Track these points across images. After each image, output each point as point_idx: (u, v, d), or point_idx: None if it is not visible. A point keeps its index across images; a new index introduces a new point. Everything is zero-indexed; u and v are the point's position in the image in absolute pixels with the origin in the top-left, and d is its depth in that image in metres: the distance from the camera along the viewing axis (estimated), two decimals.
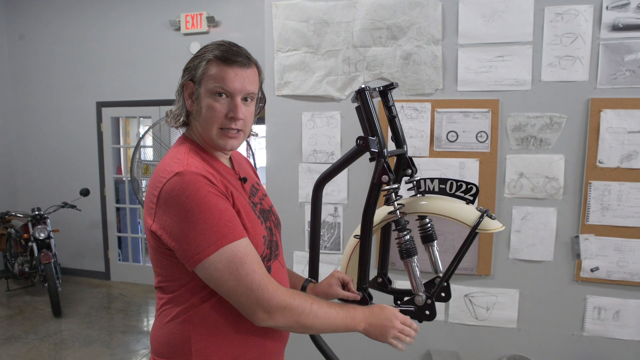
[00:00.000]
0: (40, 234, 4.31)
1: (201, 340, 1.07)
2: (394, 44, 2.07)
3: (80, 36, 4.97)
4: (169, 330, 1.10)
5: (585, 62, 1.90)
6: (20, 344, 3.57)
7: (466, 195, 1.13)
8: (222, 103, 1.06)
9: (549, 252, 2.02)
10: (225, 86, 1.05)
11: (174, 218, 0.97)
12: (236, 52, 1.07)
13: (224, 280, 0.97)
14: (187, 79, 1.10)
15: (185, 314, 1.07)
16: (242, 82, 1.06)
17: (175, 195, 0.97)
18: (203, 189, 0.97)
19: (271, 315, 0.99)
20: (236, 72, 1.05)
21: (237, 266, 0.97)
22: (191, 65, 1.11)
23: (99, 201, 5.13)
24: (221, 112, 1.06)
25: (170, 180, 0.98)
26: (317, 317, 1.03)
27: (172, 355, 1.10)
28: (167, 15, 4.57)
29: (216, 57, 1.06)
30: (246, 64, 1.07)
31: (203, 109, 1.07)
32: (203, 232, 0.96)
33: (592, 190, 1.94)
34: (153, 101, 4.77)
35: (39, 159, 5.33)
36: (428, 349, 2.20)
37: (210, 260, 0.96)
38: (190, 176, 0.98)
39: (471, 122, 2.01)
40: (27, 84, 5.27)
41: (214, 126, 1.07)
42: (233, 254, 0.97)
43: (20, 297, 4.64)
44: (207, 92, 1.06)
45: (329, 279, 1.29)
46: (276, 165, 2.32)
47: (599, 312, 2.01)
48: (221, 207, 0.98)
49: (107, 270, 5.25)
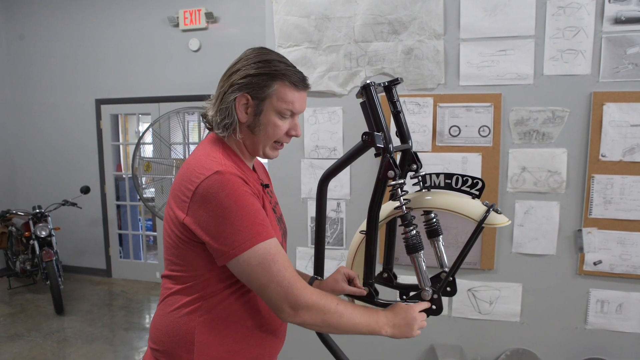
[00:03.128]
0: (42, 232, 4.31)
1: (205, 333, 1.10)
2: (395, 38, 2.07)
3: (78, 33, 4.96)
4: (173, 319, 1.12)
5: (588, 55, 1.89)
6: (23, 341, 3.58)
7: (472, 190, 1.13)
8: (286, 122, 1.14)
9: (551, 246, 2.03)
10: (295, 109, 1.13)
11: (211, 214, 1.01)
12: (303, 78, 1.14)
13: (257, 276, 1.02)
14: (243, 92, 1.09)
15: (194, 304, 1.10)
16: (304, 105, 1.16)
17: (214, 192, 1.01)
18: (240, 188, 1.02)
19: (297, 312, 1.03)
20: (303, 97, 1.15)
21: (270, 263, 1.01)
22: (249, 81, 1.09)
23: (99, 198, 5.14)
24: (284, 130, 1.14)
25: (210, 178, 1.02)
26: (342, 317, 1.06)
27: (172, 345, 1.12)
28: (166, 12, 4.56)
29: (290, 82, 1.11)
30: (308, 86, 1.16)
31: (266, 126, 1.12)
32: (239, 229, 1.00)
33: (594, 183, 1.94)
34: (152, 98, 4.76)
35: (38, 157, 5.32)
36: (431, 343, 2.21)
37: (244, 256, 1.01)
38: (228, 176, 1.02)
39: (473, 117, 2.01)
40: (26, 81, 5.26)
41: (270, 140, 1.15)
42: (266, 251, 1.02)
43: (22, 295, 4.65)
44: (275, 111, 1.11)
45: (335, 274, 1.33)
46: (278, 161, 2.30)
47: (602, 305, 2.02)
48: (256, 207, 1.04)
49: (108, 268, 5.27)
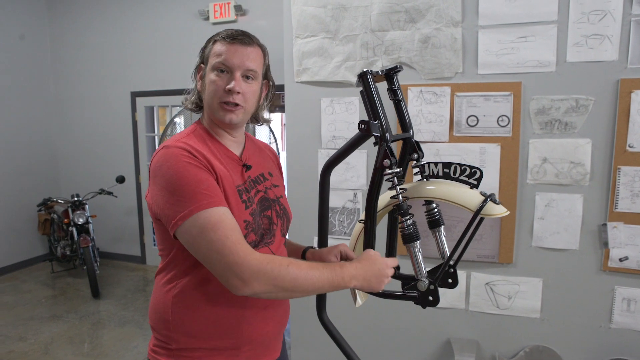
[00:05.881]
0: (79, 219, 4.52)
1: (178, 312, 1.11)
2: (412, 27, 2.03)
3: (113, 29, 5.14)
4: (157, 295, 1.17)
5: (615, 40, 1.79)
6: (62, 322, 3.78)
7: (470, 180, 1.10)
8: (223, 78, 1.12)
9: (574, 240, 1.95)
10: (225, 61, 1.11)
11: (159, 187, 1.04)
12: (238, 32, 1.14)
13: (199, 246, 0.99)
14: (198, 62, 1.20)
15: (171, 283, 1.13)
16: (241, 58, 1.11)
17: (159, 166, 1.04)
18: (182, 160, 1.02)
19: (245, 282, 0.95)
20: (236, 49, 1.12)
21: (209, 232, 0.97)
22: (201, 53, 1.19)
23: (134, 188, 5.33)
24: (221, 86, 1.11)
25: (158, 154, 1.07)
26: (296, 279, 0.98)
27: (156, 320, 1.17)
28: (197, 5, 4.65)
29: (221, 37, 1.14)
30: (247, 42, 1.13)
31: (208, 85, 1.14)
32: (179, 199, 1.00)
33: (621, 176, 1.85)
34: (183, 90, 4.85)
35: (78, 147, 5.58)
36: (448, 337, 2.18)
37: (185, 225, 0.99)
38: (173, 149, 1.05)
39: (492, 106, 1.95)
40: (67, 77, 5.52)
41: (214, 100, 1.13)
42: (206, 220, 0.98)
43: (64, 278, 4.91)
44: (211, 68, 1.13)
45: (332, 248, 1.30)
46: (296, 151, 2.33)
47: (629, 304, 1.93)
48: (199, 177, 1.02)
49: (142, 255, 5.47)
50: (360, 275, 1.05)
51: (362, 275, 1.06)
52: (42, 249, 5.53)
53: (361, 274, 1.06)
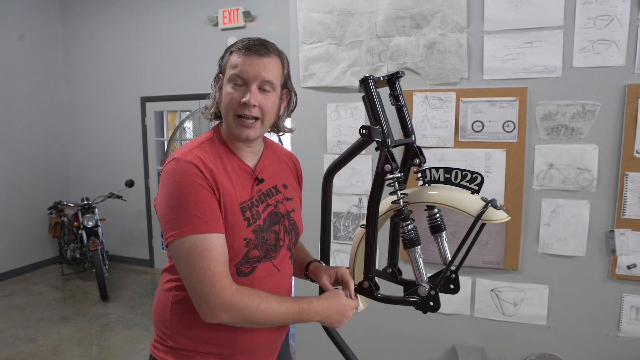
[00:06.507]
0: (89, 222, 4.58)
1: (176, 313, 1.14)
2: (417, 33, 2.03)
3: (124, 34, 5.22)
4: (159, 294, 1.20)
5: (622, 45, 1.78)
6: (71, 324, 3.82)
7: (471, 185, 1.10)
8: (238, 90, 1.09)
9: (581, 247, 1.93)
10: (241, 73, 1.08)
11: (163, 198, 1.06)
12: (255, 42, 1.10)
13: (182, 267, 1.03)
14: (217, 72, 1.18)
15: (171, 283, 1.16)
16: (257, 69, 1.08)
17: (166, 178, 1.05)
18: (188, 177, 1.02)
19: (214, 313, 1.01)
20: (252, 60, 1.08)
21: (195, 258, 1.00)
22: (219, 63, 1.17)
23: (143, 192, 5.38)
24: (236, 99, 1.08)
25: (168, 164, 1.07)
26: (264, 315, 1.05)
27: (157, 318, 1.19)
28: (205, 11, 4.71)
29: (237, 48, 1.11)
30: (263, 52, 1.09)
31: (225, 97, 1.11)
32: (176, 217, 1.02)
33: (628, 182, 1.83)
34: (192, 95, 4.93)
35: (89, 152, 5.66)
36: (453, 343, 2.16)
37: (174, 244, 1.02)
38: (182, 164, 1.04)
39: (497, 112, 1.94)
40: (79, 82, 5.61)
41: (230, 113, 1.11)
42: (194, 245, 1.00)
43: (73, 281, 4.96)
44: (227, 80, 1.11)
45: (329, 268, 1.29)
46: (301, 156, 2.32)
47: (637, 312, 1.90)
48: (200, 197, 1.02)
49: (151, 258, 5.51)
50: (325, 312, 1.14)
51: (326, 312, 1.14)
52: (53, 251, 5.60)
53: (325, 310, 1.14)
